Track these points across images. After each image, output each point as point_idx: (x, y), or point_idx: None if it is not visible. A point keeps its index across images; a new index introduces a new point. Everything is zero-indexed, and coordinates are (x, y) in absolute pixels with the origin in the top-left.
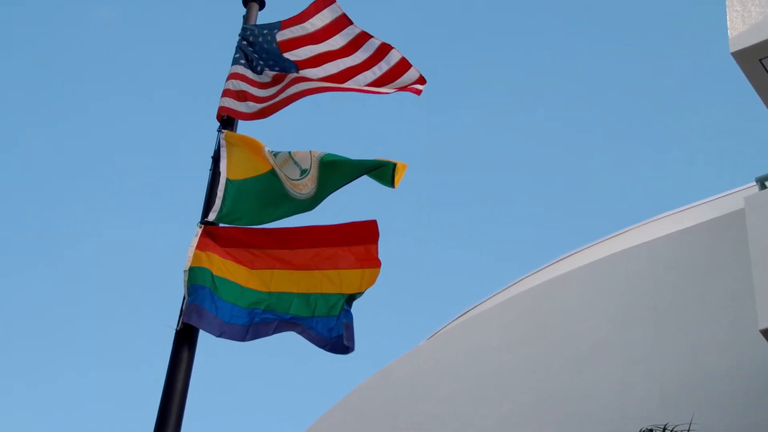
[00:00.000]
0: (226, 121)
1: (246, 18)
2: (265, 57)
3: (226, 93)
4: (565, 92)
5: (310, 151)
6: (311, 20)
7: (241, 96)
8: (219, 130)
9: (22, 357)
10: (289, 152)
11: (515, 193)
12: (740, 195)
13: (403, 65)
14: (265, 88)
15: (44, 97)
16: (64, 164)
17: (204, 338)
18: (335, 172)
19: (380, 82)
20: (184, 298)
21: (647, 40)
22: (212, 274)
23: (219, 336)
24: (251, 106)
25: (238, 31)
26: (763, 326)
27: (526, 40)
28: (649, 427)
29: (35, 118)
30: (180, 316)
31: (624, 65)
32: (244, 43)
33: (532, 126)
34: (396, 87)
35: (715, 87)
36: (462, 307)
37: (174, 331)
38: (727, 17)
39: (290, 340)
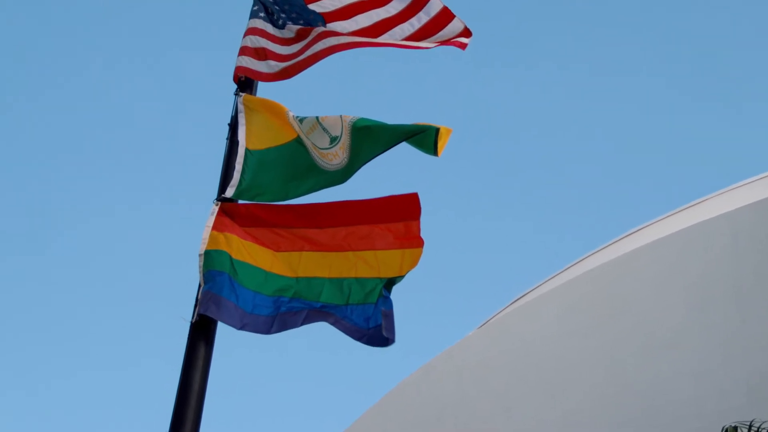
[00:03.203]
0: (245, 83)
1: None
2: (288, 9)
3: (244, 51)
4: (631, 46)
5: (341, 116)
6: None
7: (261, 54)
8: (236, 94)
9: (14, 357)
10: (317, 117)
11: (576, 159)
12: None
13: (445, 16)
14: (287, 45)
15: (33, 58)
16: (53, 132)
17: (223, 331)
18: (370, 139)
19: (419, 35)
20: (199, 286)
21: None
22: (231, 258)
23: (240, 329)
24: (272, 66)
25: None
26: None
27: None
28: (734, 424)
29: (22, 79)
30: (195, 306)
31: (697, 14)
32: None
33: (592, 84)
34: (437, 41)
35: None
36: (516, 291)
37: (189, 324)
38: None
39: (322, 332)
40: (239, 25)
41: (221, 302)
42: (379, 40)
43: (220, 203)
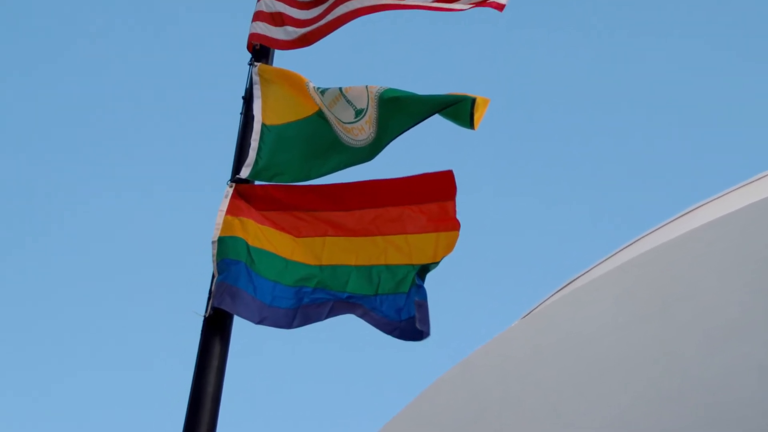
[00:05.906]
0: (260, 51)
1: None
2: None
3: (259, 16)
4: (692, 5)
5: (367, 87)
6: None
7: (278, 19)
8: (251, 64)
9: (14, 357)
10: (340, 88)
11: (626, 132)
12: None
13: None
14: (306, 9)
15: (27, 27)
16: (46, 108)
17: (240, 326)
18: (399, 112)
19: None
20: (213, 276)
21: None
22: (248, 245)
23: (259, 323)
24: (290, 32)
25: None
26: None
27: None
28: None
29: (14, 50)
30: (209, 299)
31: None
32: None
33: (639, 48)
34: (472, 2)
35: None
36: (563, 277)
37: (202, 319)
38: None
39: (349, 325)
40: None
41: (237, 294)
42: (408, 2)
43: (234, 185)
